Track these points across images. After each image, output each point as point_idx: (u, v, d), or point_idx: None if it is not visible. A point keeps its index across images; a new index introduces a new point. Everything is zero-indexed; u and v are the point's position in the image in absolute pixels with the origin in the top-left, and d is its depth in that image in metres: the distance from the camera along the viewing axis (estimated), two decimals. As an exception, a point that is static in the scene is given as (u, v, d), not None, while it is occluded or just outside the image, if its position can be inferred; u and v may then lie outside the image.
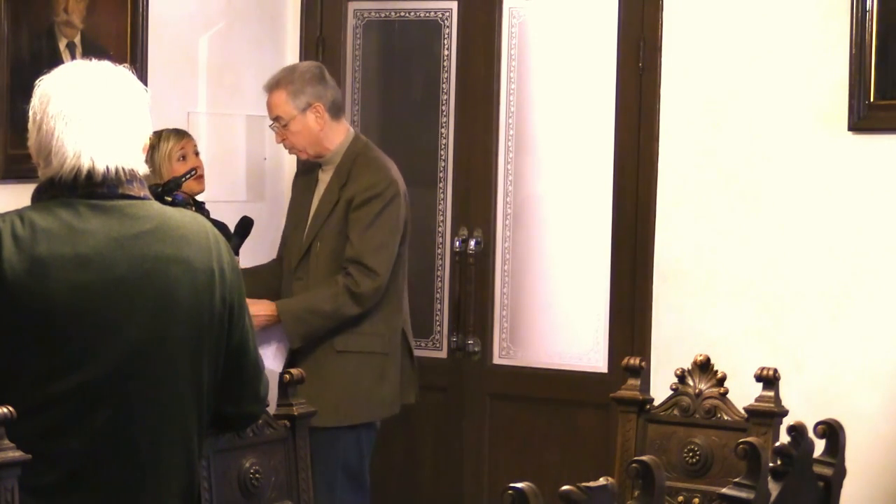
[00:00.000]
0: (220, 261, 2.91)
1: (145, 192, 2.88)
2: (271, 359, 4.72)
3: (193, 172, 4.73)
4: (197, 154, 4.92)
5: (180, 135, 4.89)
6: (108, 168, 2.81)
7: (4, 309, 2.70)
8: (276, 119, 4.82)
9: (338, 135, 4.86)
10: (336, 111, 4.87)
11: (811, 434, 3.03)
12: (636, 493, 2.46)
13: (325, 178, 4.88)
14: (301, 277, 4.81)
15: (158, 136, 4.78)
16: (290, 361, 4.74)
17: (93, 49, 4.91)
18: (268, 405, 3.15)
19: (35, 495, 2.68)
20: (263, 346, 4.70)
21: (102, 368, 2.74)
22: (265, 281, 4.94)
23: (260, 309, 4.65)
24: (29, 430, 2.65)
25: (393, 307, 4.85)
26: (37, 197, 2.84)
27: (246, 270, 4.84)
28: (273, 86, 4.84)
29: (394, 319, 4.85)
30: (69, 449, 2.74)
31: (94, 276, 2.75)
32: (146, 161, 4.66)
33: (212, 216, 4.64)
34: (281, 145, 4.96)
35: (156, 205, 2.89)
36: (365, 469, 4.86)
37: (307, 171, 5.02)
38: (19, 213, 2.78)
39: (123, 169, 2.83)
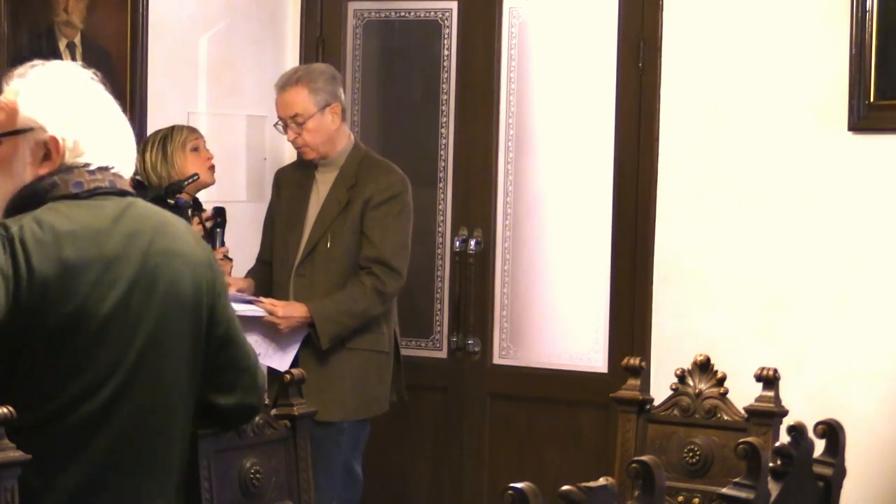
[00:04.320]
0: (208, 253, 2.99)
1: (133, 191, 2.92)
2: (278, 359, 4.73)
3: (196, 177, 4.72)
4: (206, 149, 4.92)
5: (192, 129, 4.90)
6: (108, 167, 2.83)
7: (35, 313, 2.70)
8: (293, 116, 4.81)
9: (343, 137, 4.90)
10: (345, 114, 4.90)
11: (811, 434, 3.03)
12: (636, 493, 2.46)
13: (325, 178, 4.89)
14: (303, 274, 4.83)
15: (171, 129, 4.80)
16: (296, 357, 4.76)
17: (93, 49, 4.91)
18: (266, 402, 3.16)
19: (55, 494, 2.70)
20: (274, 346, 4.72)
21: (127, 364, 2.78)
22: (257, 285, 4.96)
23: (293, 311, 4.71)
24: (57, 431, 2.69)
25: (392, 307, 4.92)
26: (41, 198, 2.83)
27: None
28: (292, 83, 4.83)
29: (392, 319, 4.92)
30: (94, 447, 2.76)
31: (116, 274, 2.77)
32: (157, 151, 4.74)
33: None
34: (280, 144, 4.98)
35: (145, 202, 2.93)
36: (360, 464, 4.90)
37: (297, 171, 5.02)
38: (34, 217, 2.77)
39: (120, 167, 2.86)
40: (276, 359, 4.73)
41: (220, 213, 4.84)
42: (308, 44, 5.81)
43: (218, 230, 4.81)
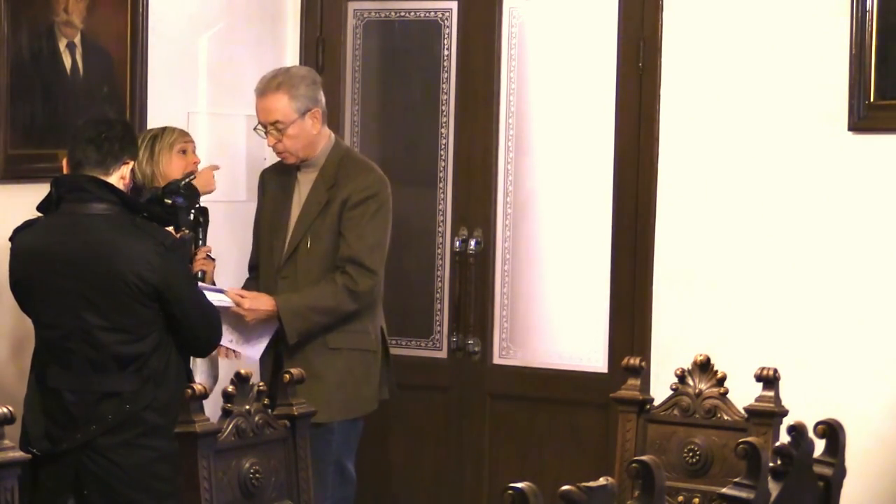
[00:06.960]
0: None
1: None
2: (249, 349, 4.74)
3: (193, 176, 4.71)
4: (195, 154, 4.90)
5: (184, 132, 4.87)
6: None
7: None
8: (273, 123, 4.74)
9: (323, 138, 4.86)
10: (325, 117, 4.86)
11: (811, 434, 3.03)
12: (636, 493, 2.46)
13: (306, 179, 4.85)
14: (287, 276, 4.81)
15: (163, 129, 4.79)
16: (279, 357, 4.75)
17: (93, 49, 4.91)
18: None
19: None
20: (244, 336, 4.73)
21: None
22: None
23: (259, 304, 4.68)
24: None
25: (377, 306, 4.87)
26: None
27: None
28: (272, 88, 4.75)
29: (377, 318, 4.88)
30: None
31: None
32: (145, 149, 4.72)
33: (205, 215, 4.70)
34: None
35: None
36: (353, 463, 4.88)
37: (279, 174, 4.96)
38: None
39: None
40: (247, 348, 4.74)
41: (202, 212, 4.80)
42: (308, 44, 5.81)
43: (200, 229, 4.78)
